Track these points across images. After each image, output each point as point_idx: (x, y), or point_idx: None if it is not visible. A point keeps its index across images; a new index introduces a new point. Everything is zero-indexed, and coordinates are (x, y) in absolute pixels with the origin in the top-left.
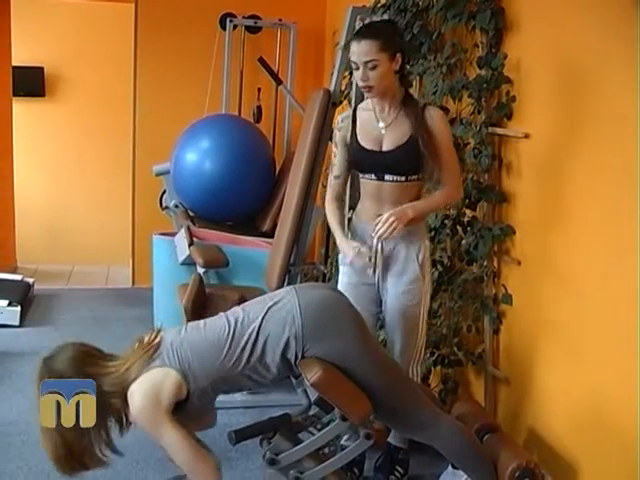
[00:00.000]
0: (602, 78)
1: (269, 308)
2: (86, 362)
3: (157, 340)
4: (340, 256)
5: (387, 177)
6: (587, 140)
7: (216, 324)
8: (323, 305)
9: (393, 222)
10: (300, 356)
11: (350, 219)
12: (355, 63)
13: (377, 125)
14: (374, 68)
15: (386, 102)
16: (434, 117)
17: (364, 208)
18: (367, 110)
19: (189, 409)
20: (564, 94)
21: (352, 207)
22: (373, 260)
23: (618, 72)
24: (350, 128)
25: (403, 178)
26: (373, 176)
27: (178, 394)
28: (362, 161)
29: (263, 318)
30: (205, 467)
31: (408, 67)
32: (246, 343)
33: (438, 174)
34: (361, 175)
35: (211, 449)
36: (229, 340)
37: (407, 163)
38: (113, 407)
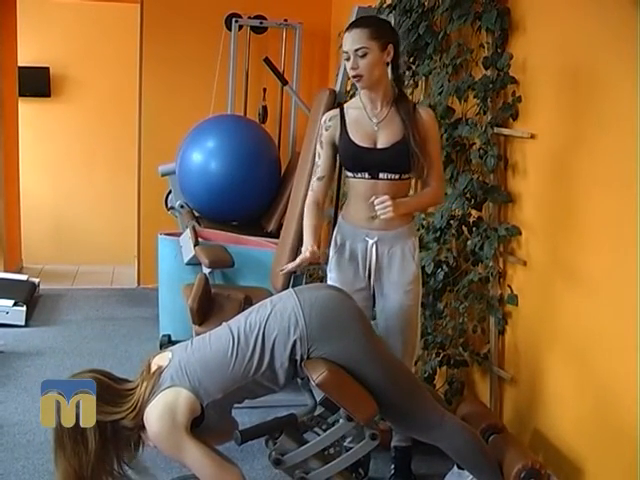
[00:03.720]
0: (607, 78)
1: (270, 313)
2: (101, 396)
3: (163, 363)
4: (331, 262)
5: (382, 175)
6: (593, 140)
7: (220, 336)
8: (327, 305)
9: (388, 206)
10: (305, 357)
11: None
12: (346, 53)
13: (370, 122)
14: (364, 56)
15: (377, 97)
16: (425, 118)
17: (354, 210)
18: (356, 108)
19: (207, 424)
20: (570, 94)
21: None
22: (367, 264)
23: (623, 73)
24: (339, 126)
25: (397, 176)
26: (366, 175)
27: (192, 411)
28: (355, 159)
29: (266, 323)
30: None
31: (411, 67)
32: (253, 351)
33: (424, 173)
34: (352, 175)
35: (234, 461)
36: (235, 350)
37: (403, 161)
38: (130, 436)
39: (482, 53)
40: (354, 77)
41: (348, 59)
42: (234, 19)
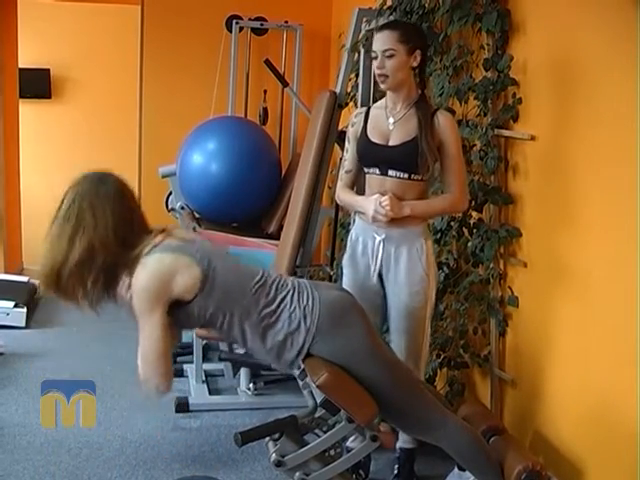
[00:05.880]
0: (608, 80)
1: (293, 288)
2: (122, 224)
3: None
4: (345, 257)
5: (390, 172)
6: (593, 141)
7: (252, 267)
8: (339, 304)
9: (387, 206)
10: (306, 347)
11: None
12: (374, 52)
13: (387, 120)
14: (390, 57)
15: (399, 99)
16: (443, 122)
17: None
18: (379, 108)
19: (180, 316)
20: (570, 96)
21: None
22: (374, 259)
23: (623, 74)
24: (362, 124)
25: (406, 175)
26: (377, 170)
27: (188, 291)
28: (368, 154)
29: (289, 294)
30: (161, 380)
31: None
32: (267, 303)
33: (444, 180)
34: (366, 169)
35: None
36: (257, 286)
37: (411, 160)
38: (115, 268)
39: (482, 55)
40: (379, 76)
41: (376, 58)
42: (234, 21)
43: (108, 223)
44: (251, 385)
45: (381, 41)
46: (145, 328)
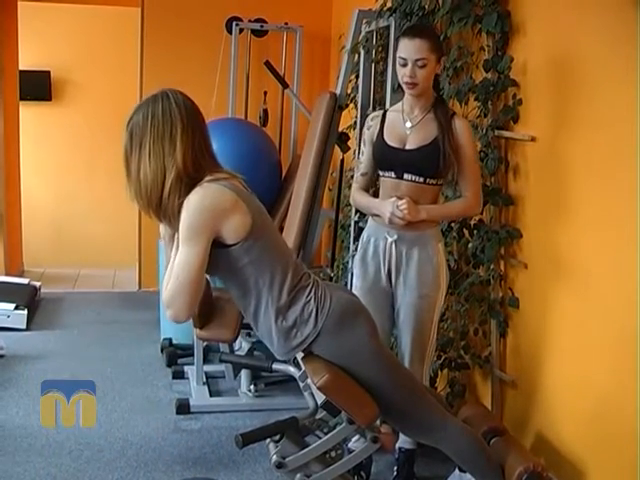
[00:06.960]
0: (608, 81)
1: (314, 284)
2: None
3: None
4: (356, 258)
5: (406, 176)
6: (593, 142)
7: (291, 251)
8: (348, 307)
9: (404, 209)
10: (308, 341)
11: (357, 222)
12: (404, 59)
13: (404, 124)
14: (423, 67)
15: (418, 104)
16: (461, 127)
17: None
18: (396, 111)
19: (218, 257)
20: (570, 97)
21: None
22: (387, 259)
23: (623, 75)
24: (378, 127)
25: (422, 179)
26: (393, 174)
27: (233, 235)
28: (384, 157)
29: (311, 284)
30: (185, 305)
31: None
32: (291, 284)
33: (459, 184)
34: (381, 173)
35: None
36: (290, 265)
37: (427, 164)
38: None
39: (483, 56)
40: (408, 84)
41: (404, 65)
42: (235, 22)
43: (194, 144)
44: (252, 387)
45: (414, 49)
46: (185, 252)
